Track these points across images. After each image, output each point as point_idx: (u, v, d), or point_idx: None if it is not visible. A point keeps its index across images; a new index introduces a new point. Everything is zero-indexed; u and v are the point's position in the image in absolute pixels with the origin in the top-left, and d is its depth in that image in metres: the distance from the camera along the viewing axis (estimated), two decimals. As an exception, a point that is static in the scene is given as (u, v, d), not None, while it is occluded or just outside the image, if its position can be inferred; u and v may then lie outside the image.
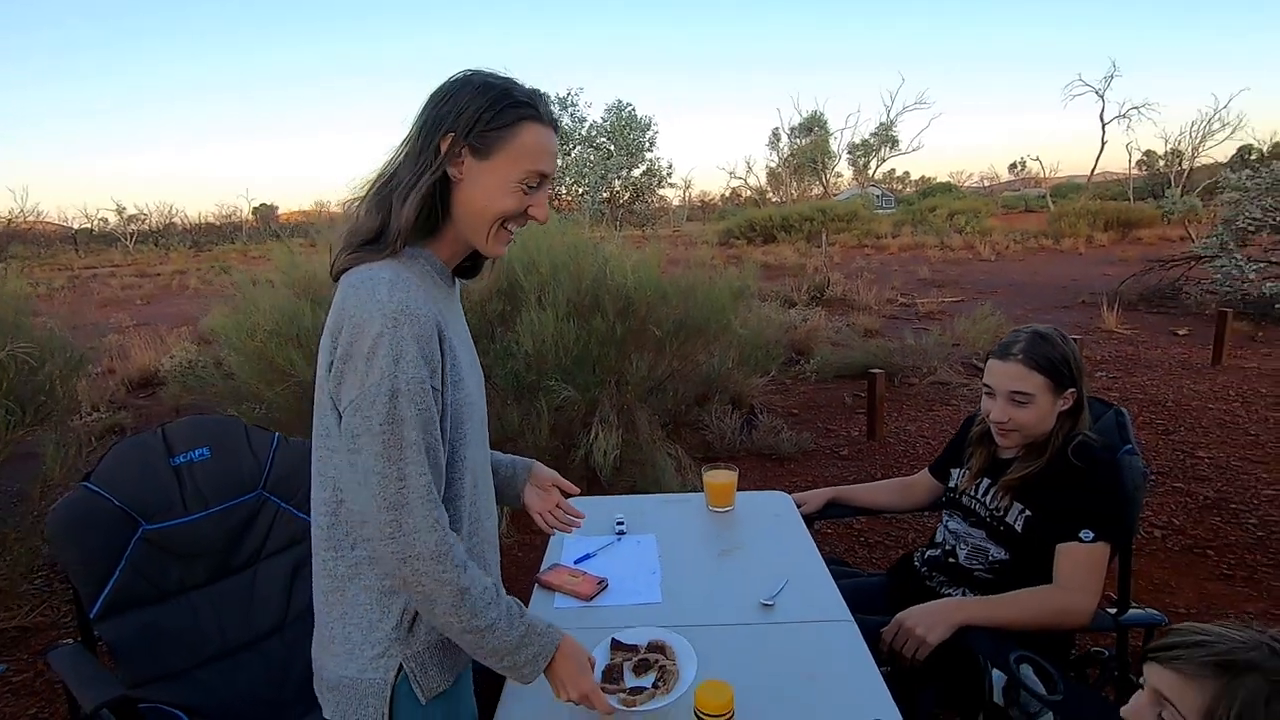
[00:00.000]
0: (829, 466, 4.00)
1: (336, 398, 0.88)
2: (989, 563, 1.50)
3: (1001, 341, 1.51)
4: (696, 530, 1.69)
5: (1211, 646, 0.79)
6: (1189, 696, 0.78)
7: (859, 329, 7.38)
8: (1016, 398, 1.43)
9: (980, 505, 1.55)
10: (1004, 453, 1.54)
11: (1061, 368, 1.43)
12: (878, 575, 1.83)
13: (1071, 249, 16.71)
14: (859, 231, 21.55)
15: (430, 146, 0.90)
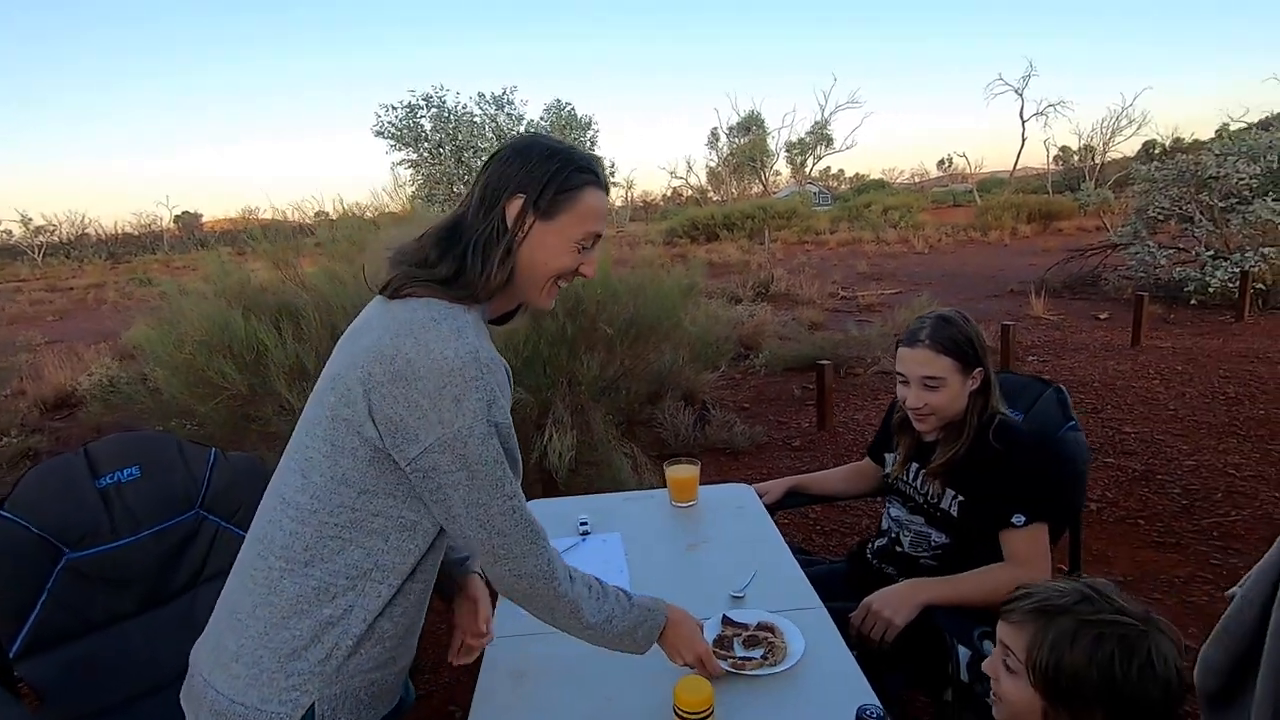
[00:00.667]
0: (782, 458, 4.06)
1: (387, 423, 0.87)
2: (932, 548, 1.54)
3: (908, 329, 1.52)
4: (661, 526, 1.68)
5: (1034, 598, 0.92)
6: (1018, 641, 0.91)
7: (804, 322, 7.52)
8: (928, 382, 1.45)
9: (915, 491, 1.58)
10: (926, 437, 1.56)
11: (966, 348, 1.45)
12: (839, 561, 1.85)
13: (998, 240, 17.47)
14: (799, 228, 22.03)
15: (497, 206, 0.95)
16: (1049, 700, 0.88)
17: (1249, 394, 4.49)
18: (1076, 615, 0.87)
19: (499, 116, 11.09)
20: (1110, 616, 0.87)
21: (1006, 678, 0.93)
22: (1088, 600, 0.89)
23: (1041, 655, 0.87)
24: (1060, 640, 0.87)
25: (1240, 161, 7.29)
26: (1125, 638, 0.85)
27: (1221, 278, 6.98)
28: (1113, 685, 0.84)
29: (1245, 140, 7.75)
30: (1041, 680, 0.87)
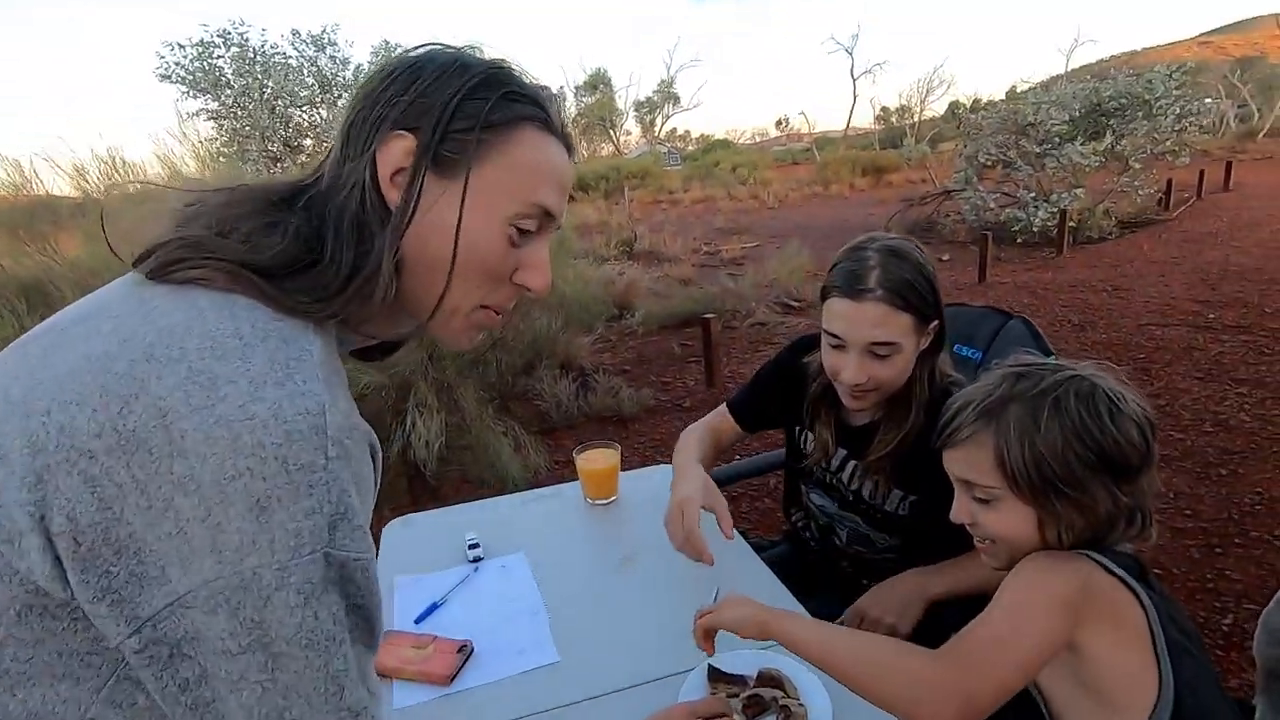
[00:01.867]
0: (674, 420, 3.78)
1: (89, 544, 0.42)
2: (879, 550, 1.25)
3: (842, 270, 1.07)
4: (579, 534, 1.29)
5: (970, 407, 0.81)
6: (978, 461, 0.80)
7: (675, 279, 7.32)
8: (877, 350, 1.05)
9: (844, 487, 1.25)
10: (856, 417, 1.22)
11: (927, 295, 1.06)
12: (778, 543, 1.56)
13: (839, 194, 18.41)
14: (653, 187, 22.02)
15: (367, 153, 0.54)
16: (1041, 502, 0.77)
17: (1089, 320, 4.83)
18: (1022, 398, 0.78)
19: (320, 59, 9.68)
20: (1051, 379, 0.78)
21: (985, 512, 0.81)
22: (1021, 377, 0.80)
23: (1013, 457, 0.76)
24: (1024, 430, 0.76)
25: (1053, 109, 7.93)
26: (1079, 392, 0.77)
27: (1043, 217, 7.59)
28: (1098, 446, 0.74)
29: (1055, 90, 8.43)
30: (1026, 484, 0.76)
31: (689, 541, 1.03)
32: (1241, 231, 7.55)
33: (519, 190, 0.55)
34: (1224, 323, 4.47)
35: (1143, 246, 7.25)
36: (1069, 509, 0.76)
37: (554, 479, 3.18)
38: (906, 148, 26.96)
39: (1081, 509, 0.76)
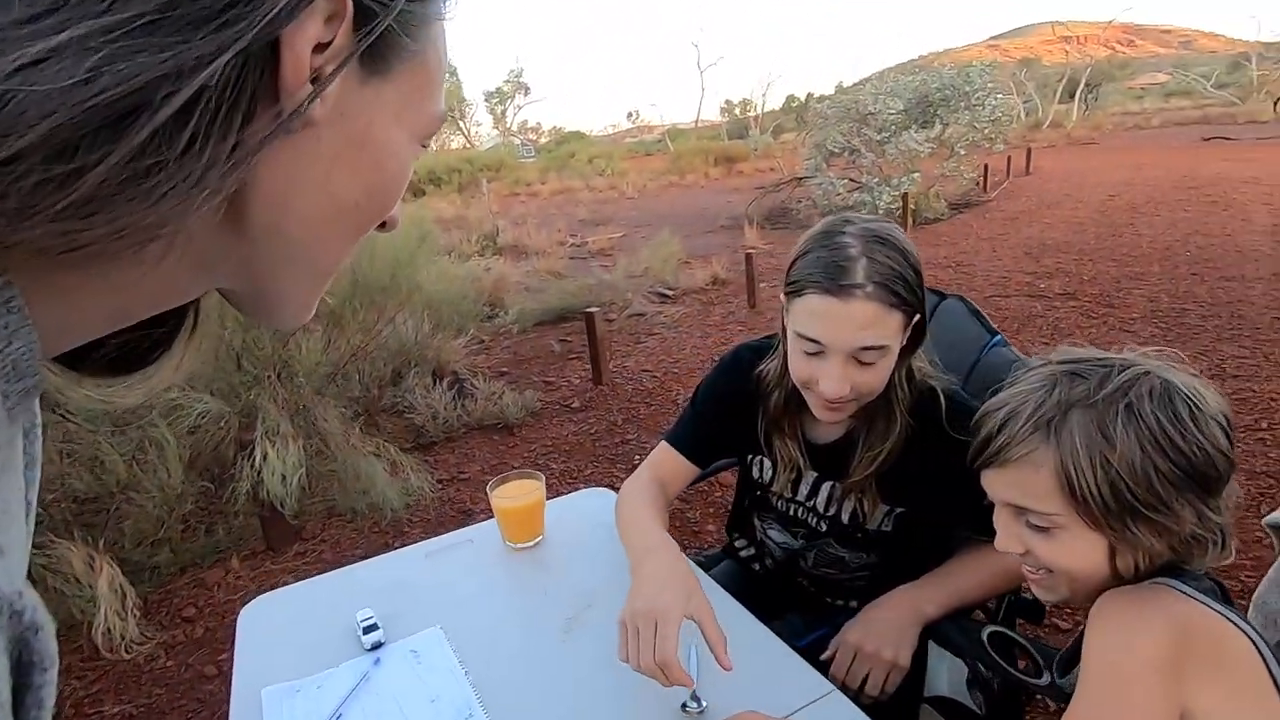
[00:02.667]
0: (565, 424, 3.56)
1: None
2: (852, 571, 1.11)
3: (816, 259, 0.89)
4: (504, 592, 1.04)
5: (1014, 417, 0.69)
6: (1034, 484, 0.68)
7: (545, 273, 7.04)
8: (864, 356, 0.89)
9: (816, 516, 1.09)
10: (824, 432, 1.06)
11: (916, 288, 0.91)
12: (719, 559, 1.40)
13: (694, 183, 18.83)
14: (509, 180, 21.50)
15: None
16: (1115, 528, 0.65)
17: (942, 296, 5.17)
18: (1085, 404, 0.66)
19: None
20: (1118, 379, 0.66)
21: (1042, 542, 0.69)
22: (1077, 377, 0.68)
23: (1082, 479, 0.64)
24: (1093, 444, 0.64)
25: (889, 99, 8.48)
26: (1153, 392, 0.65)
27: (887, 200, 8.11)
28: (1183, 456, 0.63)
29: (889, 81, 9.03)
30: (1099, 508, 0.64)
31: (665, 673, 0.74)
32: (1047, 209, 8.50)
33: (432, 100, 0.36)
34: (1053, 291, 4.94)
35: (972, 225, 7.94)
36: (1148, 533, 0.64)
37: (442, 504, 2.85)
38: (753, 138, 28.32)
39: (1163, 532, 0.64)
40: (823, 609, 1.15)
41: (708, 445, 1.15)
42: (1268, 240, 5.80)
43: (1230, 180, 9.30)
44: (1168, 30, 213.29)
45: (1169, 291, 4.68)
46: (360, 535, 2.64)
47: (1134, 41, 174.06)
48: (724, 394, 1.13)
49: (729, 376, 1.14)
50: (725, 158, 22.66)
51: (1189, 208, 7.65)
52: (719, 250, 7.54)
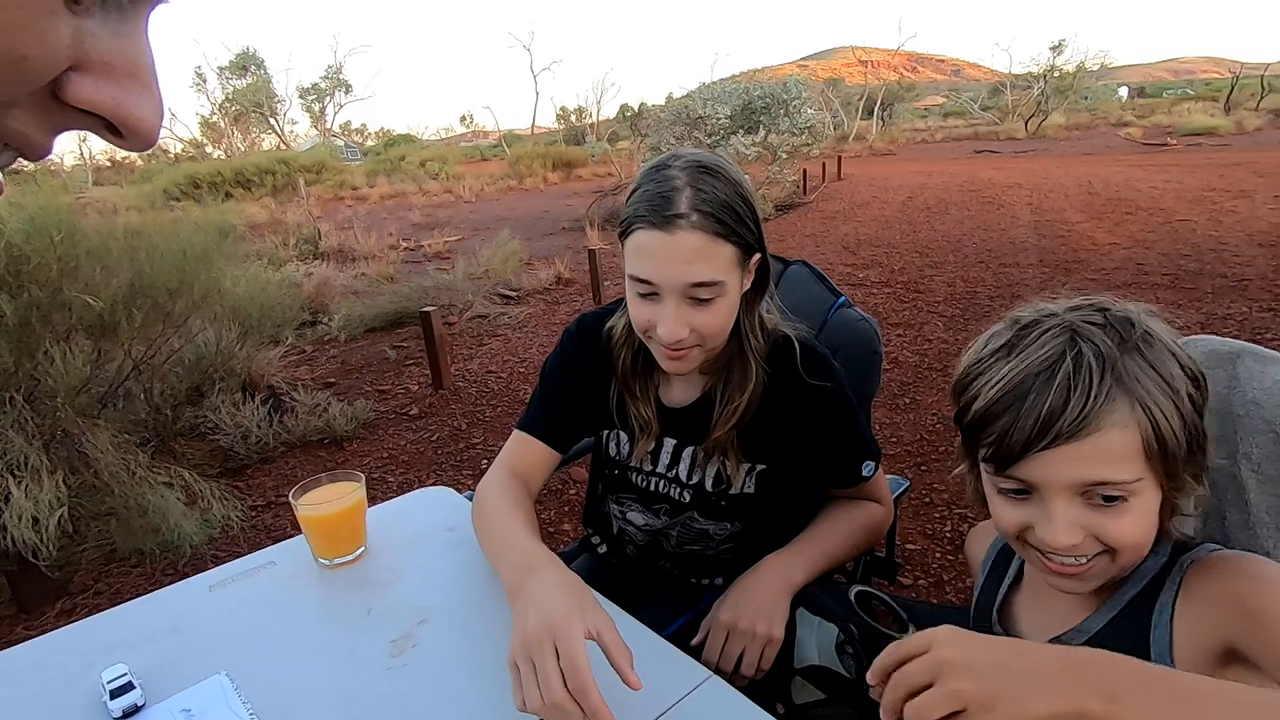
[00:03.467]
0: (404, 433, 3.26)
1: None
2: (716, 544, 1.04)
3: (643, 194, 0.84)
4: (315, 623, 0.85)
5: (1082, 380, 0.57)
6: (1117, 448, 0.57)
7: (374, 277, 6.53)
8: (699, 293, 0.83)
9: (679, 486, 1.01)
10: (680, 393, 1.00)
11: (749, 220, 0.86)
12: (575, 552, 1.29)
13: (534, 187, 18.68)
14: (332, 183, 20.09)
15: None
16: (1179, 475, 0.60)
17: (775, 287, 5.44)
18: (1124, 347, 0.59)
19: None
20: (1116, 319, 0.61)
21: (1111, 520, 0.59)
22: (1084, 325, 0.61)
23: (1168, 424, 0.57)
24: (1159, 384, 0.58)
25: (718, 104, 8.86)
26: (1146, 319, 0.61)
27: (720, 201, 8.48)
28: (1196, 376, 0.61)
29: (716, 89, 9.46)
30: (1180, 453, 0.59)
31: (582, 701, 0.59)
32: (859, 210, 9.33)
33: None
34: (870, 280, 5.39)
35: (796, 224, 8.51)
36: (1192, 475, 0.61)
37: (256, 532, 2.47)
38: (590, 144, 28.62)
39: (1199, 472, 0.61)
40: (688, 591, 1.08)
41: (565, 425, 1.02)
42: (1032, 234, 6.75)
43: (999, 185, 10.78)
44: (943, 59, 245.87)
45: (962, 277, 5.27)
46: (149, 580, 2.21)
47: (917, 68, 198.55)
48: (572, 363, 1.03)
49: (575, 345, 1.04)
50: (564, 163, 22.67)
51: (971, 208, 8.73)
52: (562, 251, 7.44)
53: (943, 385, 3.33)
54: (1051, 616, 0.70)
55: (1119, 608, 0.65)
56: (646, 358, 0.96)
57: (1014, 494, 0.63)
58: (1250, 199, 7.76)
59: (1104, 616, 0.65)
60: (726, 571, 1.03)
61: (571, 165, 22.62)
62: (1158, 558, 0.64)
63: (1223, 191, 8.45)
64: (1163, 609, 0.62)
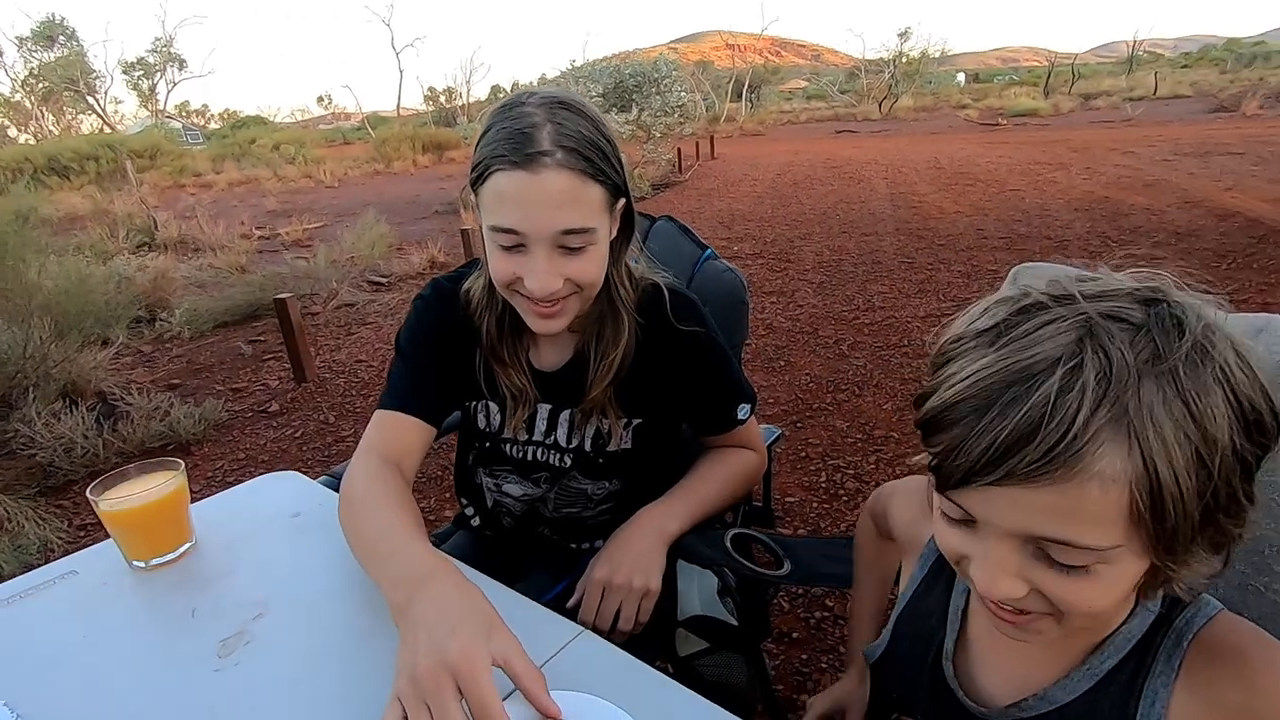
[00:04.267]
0: (263, 431, 3.00)
1: None
2: (595, 505, 1.00)
3: (499, 132, 0.76)
4: (126, 632, 0.74)
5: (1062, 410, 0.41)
6: (1096, 506, 0.42)
7: (223, 269, 5.95)
8: (570, 241, 0.77)
9: (559, 452, 0.96)
10: (550, 355, 0.94)
11: (614, 160, 0.80)
12: (449, 532, 1.22)
13: (403, 171, 17.76)
14: (170, 169, 18.14)
15: None
16: (1181, 548, 0.44)
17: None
18: (1158, 365, 0.41)
19: None
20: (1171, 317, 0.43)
21: (1066, 583, 0.45)
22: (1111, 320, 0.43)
23: (1176, 489, 0.41)
24: (1186, 431, 0.41)
25: (590, 83, 8.78)
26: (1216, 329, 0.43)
27: (597, 180, 8.44)
28: (1264, 425, 0.43)
29: (588, 68, 9.36)
30: (1181, 525, 0.42)
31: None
32: (732, 187, 9.59)
33: None
34: (745, 252, 5.55)
35: (673, 201, 8.62)
36: (1208, 547, 0.45)
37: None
38: (462, 126, 27.57)
39: (1221, 543, 0.46)
40: (568, 556, 1.04)
41: (435, 395, 0.93)
42: (889, 206, 7.21)
43: (859, 162, 11.45)
44: (804, 45, 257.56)
45: (829, 247, 5.54)
46: (-52, 621, 1.89)
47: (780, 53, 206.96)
48: (430, 329, 0.94)
49: (431, 310, 0.95)
50: (435, 145, 21.71)
51: (834, 183, 9.21)
52: (435, 235, 7.11)
53: (814, 347, 3.48)
54: (1012, 668, 0.58)
55: (1095, 679, 0.53)
56: (513, 321, 0.90)
57: (953, 519, 0.50)
58: (1067, 170, 8.71)
59: (1076, 686, 0.53)
60: (605, 534, 1.00)
61: (443, 147, 21.70)
62: (1144, 617, 0.52)
63: (1045, 164, 9.43)
64: (1154, 697, 0.50)
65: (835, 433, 2.62)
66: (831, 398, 2.91)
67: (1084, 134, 13.77)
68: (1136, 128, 14.40)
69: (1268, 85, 19.42)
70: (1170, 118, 16.17)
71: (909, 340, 3.47)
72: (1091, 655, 0.53)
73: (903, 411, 2.74)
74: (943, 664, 0.61)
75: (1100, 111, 19.94)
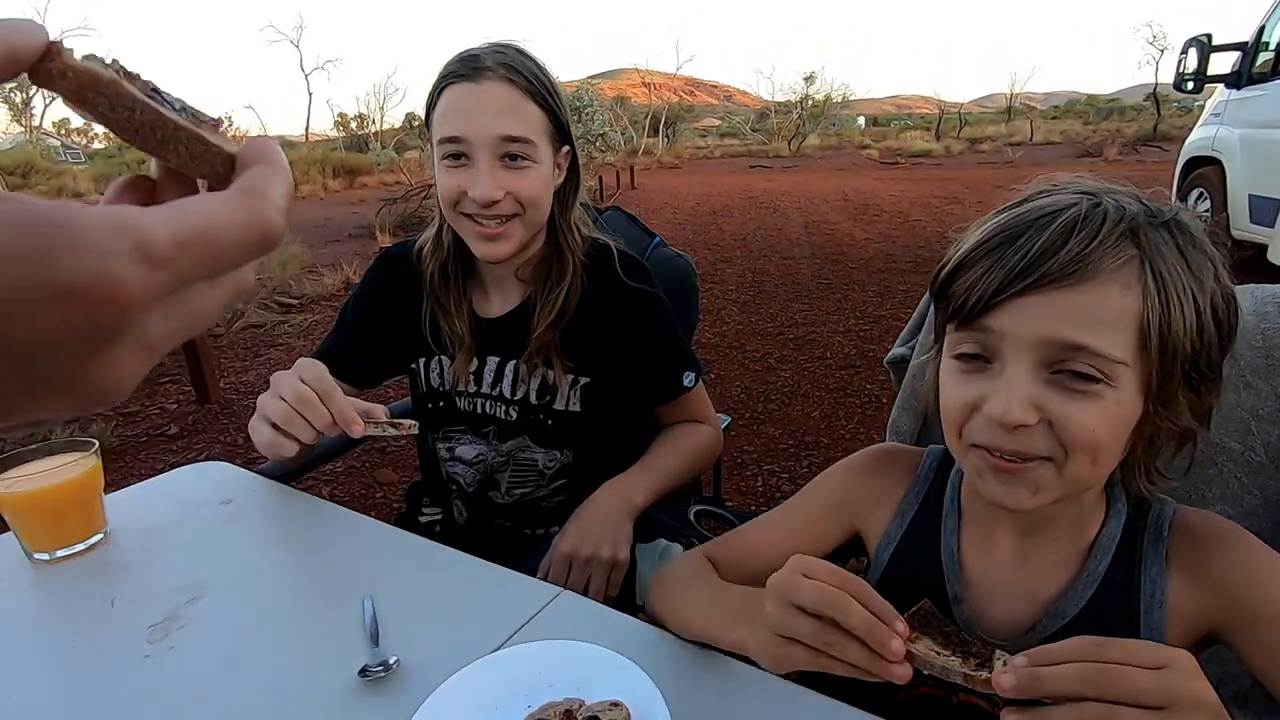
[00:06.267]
0: (161, 456, 2.75)
1: None
2: (548, 480, 0.98)
3: (450, 63, 0.84)
4: (28, 628, 0.64)
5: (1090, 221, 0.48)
6: (1114, 309, 0.47)
7: (112, 288, 5.50)
8: (511, 149, 0.82)
9: (505, 405, 0.95)
10: (495, 303, 0.94)
11: (557, 98, 0.87)
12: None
13: (312, 194, 17.13)
14: (47, 188, 16.77)
15: None
16: (1165, 392, 0.49)
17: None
18: (1153, 221, 0.49)
19: None
20: (1152, 202, 0.51)
21: (1073, 405, 0.48)
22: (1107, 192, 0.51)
23: (1178, 312, 0.47)
24: (1183, 269, 0.48)
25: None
26: (1187, 215, 0.51)
27: (520, 205, 8.40)
28: (1230, 298, 0.51)
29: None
30: (1181, 357, 0.48)
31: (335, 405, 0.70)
32: (653, 214, 9.77)
33: None
34: (670, 275, 5.64)
35: (596, 228, 8.69)
36: (1186, 404, 0.51)
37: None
38: (375, 153, 26.93)
39: (1196, 404, 0.51)
40: (525, 545, 1.00)
41: (367, 354, 0.95)
42: (804, 233, 7.53)
43: (773, 194, 11.94)
44: (716, 85, 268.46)
45: (750, 269, 5.71)
46: None
47: (694, 92, 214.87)
48: (379, 293, 0.96)
49: (381, 275, 0.98)
50: (346, 170, 21.10)
51: (751, 212, 9.55)
52: (350, 258, 6.86)
53: (743, 361, 3.56)
54: (1016, 590, 0.59)
55: (1095, 583, 0.56)
56: (458, 266, 0.93)
57: (970, 359, 0.52)
58: (962, 204, 9.39)
59: (1079, 596, 0.56)
60: (561, 519, 0.97)
61: (355, 172, 21.12)
62: (1118, 519, 0.57)
63: (942, 199, 10.14)
64: (1153, 588, 0.54)
65: (768, 439, 2.66)
66: (763, 407, 2.97)
67: (973, 173, 14.93)
68: (1017, 168, 15.75)
69: (1124, 135, 21.78)
70: (1045, 160, 17.79)
71: (831, 354, 3.60)
72: (1086, 561, 0.56)
73: (830, 418, 2.83)
74: (952, 609, 0.62)
75: (986, 154, 21.72)
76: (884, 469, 0.70)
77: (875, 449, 0.74)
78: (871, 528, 0.71)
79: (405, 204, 10.30)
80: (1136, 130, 22.78)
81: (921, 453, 0.69)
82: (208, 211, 0.20)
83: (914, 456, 0.69)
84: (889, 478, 0.69)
